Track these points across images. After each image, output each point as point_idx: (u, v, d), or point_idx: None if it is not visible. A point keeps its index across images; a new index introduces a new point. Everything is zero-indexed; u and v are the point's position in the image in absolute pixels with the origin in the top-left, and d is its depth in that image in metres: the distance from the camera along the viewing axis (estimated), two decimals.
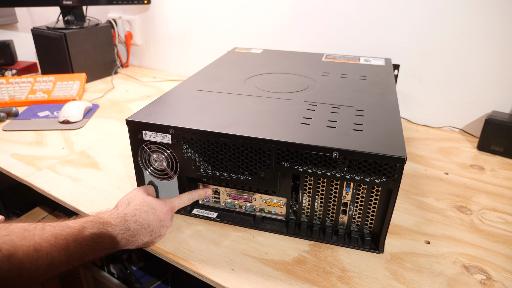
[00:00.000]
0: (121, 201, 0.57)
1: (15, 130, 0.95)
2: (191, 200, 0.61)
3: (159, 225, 0.56)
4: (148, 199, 0.57)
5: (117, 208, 0.55)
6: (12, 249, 0.39)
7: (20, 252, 0.40)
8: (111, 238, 0.50)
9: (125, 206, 0.55)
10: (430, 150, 0.88)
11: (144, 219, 0.54)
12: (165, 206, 0.57)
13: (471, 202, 0.69)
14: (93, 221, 0.49)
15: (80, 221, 0.49)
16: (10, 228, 0.42)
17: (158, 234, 0.56)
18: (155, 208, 0.56)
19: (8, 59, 1.34)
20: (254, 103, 0.65)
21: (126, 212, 0.53)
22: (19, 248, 0.40)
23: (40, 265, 0.42)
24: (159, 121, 0.57)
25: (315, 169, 0.53)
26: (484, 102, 0.93)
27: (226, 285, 0.50)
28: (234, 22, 1.23)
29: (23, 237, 0.41)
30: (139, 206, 0.55)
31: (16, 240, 0.41)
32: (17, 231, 0.42)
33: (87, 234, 0.47)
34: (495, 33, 0.87)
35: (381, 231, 0.55)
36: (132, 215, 0.53)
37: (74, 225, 0.48)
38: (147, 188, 0.61)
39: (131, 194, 0.58)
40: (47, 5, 1.28)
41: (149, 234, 0.54)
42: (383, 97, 0.69)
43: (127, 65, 1.53)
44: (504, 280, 0.52)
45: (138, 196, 0.57)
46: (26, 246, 0.41)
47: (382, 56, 1.01)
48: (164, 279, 1.05)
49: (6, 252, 0.39)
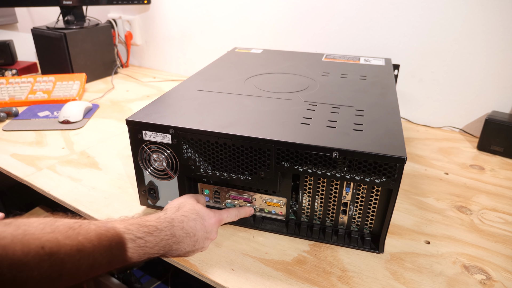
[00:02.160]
0: (171, 204, 0.56)
1: (15, 130, 0.95)
2: (238, 216, 0.60)
3: (204, 236, 0.54)
4: (198, 207, 0.55)
5: (165, 211, 0.53)
6: (55, 248, 0.39)
7: (63, 251, 0.40)
8: (155, 243, 0.49)
9: (174, 211, 0.53)
10: (430, 150, 0.88)
11: (192, 227, 0.52)
12: (213, 217, 0.56)
13: (471, 202, 0.69)
14: (139, 224, 0.48)
15: (126, 222, 0.48)
16: (55, 225, 0.41)
17: (201, 246, 0.55)
18: (203, 217, 0.54)
19: (8, 59, 1.34)
20: (254, 103, 0.65)
21: (174, 217, 0.52)
22: (62, 247, 0.40)
23: (81, 265, 0.41)
24: (159, 121, 0.57)
25: (315, 169, 0.53)
26: (484, 102, 0.93)
27: (226, 285, 0.50)
28: (234, 22, 1.23)
29: (67, 236, 0.41)
30: (188, 213, 0.53)
31: (60, 238, 0.40)
32: (62, 229, 0.41)
33: (131, 238, 0.47)
34: (495, 33, 0.87)
35: (381, 231, 0.55)
36: (180, 222, 0.52)
37: (119, 226, 0.47)
38: (199, 196, 0.60)
39: (182, 199, 0.57)
40: (47, 5, 1.28)
41: (193, 244, 0.53)
42: (383, 97, 0.69)
43: (127, 65, 1.53)
44: (504, 280, 0.52)
45: (189, 203, 0.56)
46: (69, 245, 0.40)
47: (382, 56, 1.01)
48: (164, 279, 1.05)
49: (49, 250, 0.38)
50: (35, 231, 0.39)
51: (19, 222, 0.39)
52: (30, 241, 0.38)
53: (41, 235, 0.39)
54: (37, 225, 0.40)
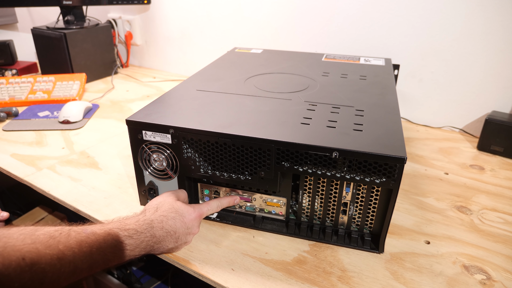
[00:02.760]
0: (149, 205, 0.56)
1: (15, 130, 0.95)
2: (220, 207, 0.61)
3: (186, 232, 0.55)
4: (177, 205, 0.56)
5: (144, 213, 0.54)
6: (36, 258, 0.40)
7: (43, 261, 0.40)
8: (136, 245, 0.50)
9: (152, 212, 0.54)
10: (430, 150, 0.88)
11: (171, 226, 0.53)
12: (193, 213, 0.56)
13: (471, 202, 0.69)
14: (118, 228, 0.49)
15: (105, 227, 0.48)
16: (35, 235, 0.42)
17: (184, 241, 0.55)
18: (183, 215, 0.55)
19: (8, 59, 1.34)
20: (254, 103, 0.65)
21: (153, 219, 0.52)
22: (42, 256, 0.40)
23: (62, 273, 0.42)
24: (159, 121, 0.57)
25: (315, 169, 0.53)
26: (484, 102, 0.93)
27: (226, 285, 0.50)
28: (234, 22, 1.23)
29: (47, 245, 0.41)
30: (166, 212, 0.54)
31: (41, 248, 0.41)
32: (42, 239, 0.42)
33: (111, 242, 0.47)
34: (495, 33, 0.87)
35: (381, 231, 0.55)
36: (159, 222, 0.52)
37: (99, 231, 0.47)
38: (179, 193, 0.60)
39: (160, 198, 0.57)
40: (47, 5, 1.28)
41: (175, 241, 0.54)
42: (383, 97, 0.69)
43: (127, 65, 1.53)
44: (504, 280, 0.52)
45: (167, 202, 0.56)
46: (49, 254, 0.41)
47: (382, 56, 1.01)
48: (164, 279, 1.05)
49: (29, 262, 0.39)
50: (15, 243, 0.40)
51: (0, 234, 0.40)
52: (10, 253, 0.38)
53: (21, 247, 0.39)
54: (17, 236, 0.40)
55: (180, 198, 0.59)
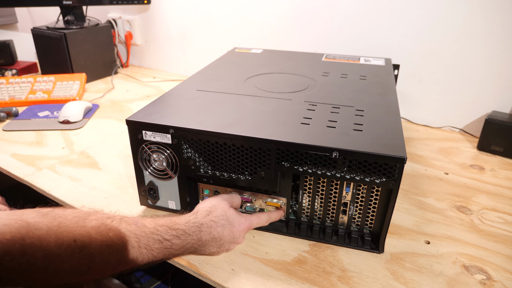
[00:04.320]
0: (202, 206, 0.55)
1: (15, 130, 0.95)
2: (269, 221, 0.59)
3: (231, 241, 0.54)
4: (230, 213, 0.55)
5: (196, 214, 0.53)
6: (86, 241, 0.40)
7: (93, 246, 0.41)
8: (182, 246, 0.50)
9: (205, 215, 0.53)
10: (430, 150, 0.88)
11: (219, 232, 0.53)
12: (243, 224, 0.55)
13: (471, 202, 0.69)
14: (168, 226, 0.49)
15: (156, 223, 0.49)
16: (89, 219, 0.43)
17: (226, 248, 0.55)
18: (232, 224, 0.54)
19: (8, 59, 1.34)
20: (254, 103, 0.65)
21: (202, 222, 0.52)
22: (93, 241, 0.41)
23: (109, 261, 0.43)
24: (159, 121, 0.57)
25: (315, 169, 0.53)
26: (484, 102, 0.93)
27: (226, 285, 0.50)
28: (234, 22, 1.23)
29: (98, 231, 0.42)
30: (218, 218, 0.53)
31: (92, 233, 0.41)
32: (94, 224, 0.42)
33: (159, 239, 0.48)
34: (495, 33, 0.87)
35: (381, 231, 0.55)
36: (208, 227, 0.52)
37: (149, 225, 0.48)
38: (233, 198, 0.59)
39: (214, 201, 0.56)
40: (47, 5, 1.28)
41: (218, 247, 0.54)
42: (383, 97, 0.69)
43: (127, 65, 1.53)
44: (504, 280, 0.52)
45: (221, 207, 0.55)
46: (99, 241, 0.41)
47: (382, 56, 1.01)
48: (164, 279, 1.05)
49: (80, 244, 0.40)
50: (69, 224, 0.40)
51: (55, 214, 0.41)
52: (64, 233, 0.39)
53: (74, 229, 0.40)
54: (71, 217, 0.41)
55: (234, 205, 0.58)
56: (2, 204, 0.64)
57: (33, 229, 0.37)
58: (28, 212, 0.39)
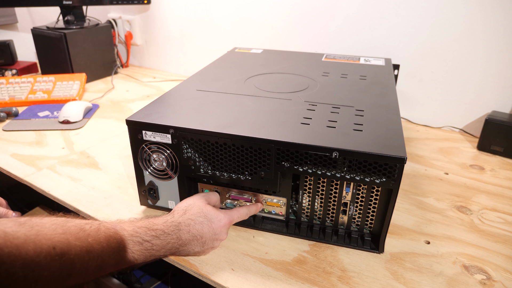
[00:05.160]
0: (178, 207, 0.55)
1: (15, 130, 0.95)
2: (248, 214, 0.59)
3: (213, 238, 0.54)
4: (206, 210, 0.55)
5: (173, 214, 0.53)
6: (66, 248, 0.40)
7: (73, 252, 0.41)
8: (162, 246, 0.50)
9: (181, 214, 0.53)
10: (430, 150, 0.88)
11: (198, 230, 0.52)
12: (223, 219, 0.55)
13: (471, 202, 0.69)
14: (146, 228, 0.50)
15: (134, 225, 0.49)
16: (67, 226, 0.42)
17: (210, 246, 0.55)
18: (211, 220, 0.54)
19: (8, 59, 1.34)
20: (254, 103, 0.65)
21: (180, 221, 0.52)
22: (72, 247, 0.41)
23: (90, 266, 0.42)
24: (159, 121, 0.57)
25: (315, 169, 0.53)
26: (484, 102, 0.93)
27: (226, 285, 0.50)
28: (234, 22, 1.23)
29: (77, 237, 0.42)
30: (195, 216, 0.53)
31: (71, 239, 0.41)
32: (73, 230, 0.42)
33: (138, 241, 0.48)
34: (495, 33, 0.87)
35: (381, 231, 0.55)
36: (186, 225, 0.52)
37: (128, 228, 0.48)
38: (210, 196, 0.59)
39: (190, 200, 0.57)
40: (47, 5, 1.28)
41: (201, 245, 0.53)
42: (383, 97, 0.69)
43: (127, 65, 1.53)
44: (504, 280, 0.52)
45: (197, 205, 0.55)
46: (79, 246, 0.41)
47: (382, 56, 1.01)
48: (164, 279, 1.05)
49: (60, 251, 0.39)
50: (47, 232, 0.40)
51: (33, 222, 0.40)
52: (42, 241, 0.39)
53: (53, 236, 0.40)
54: (49, 225, 0.41)
55: (211, 202, 0.58)
56: (4, 208, 0.64)
57: (11, 239, 0.37)
58: (5, 222, 0.39)
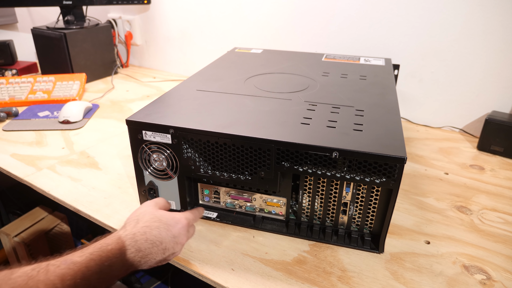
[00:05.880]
0: (129, 219, 0.52)
1: (15, 130, 0.95)
2: (200, 215, 0.60)
3: (173, 241, 0.51)
4: (160, 214, 0.52)
5: (125, 228, 0.50)
6: None
7: None
8: (122, 264, 0.46)
9: (133, 225, 0.50)
10: (430, 150, 0.88)
11: (156, 236, 0.49)
12: (179, 221, 0.52)
13: (471, 202, 0.69)
14: (100, 250, 0.45)
15: (86, 252, 0.45)
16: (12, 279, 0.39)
17: (171, 252, 0.51)
18: (167, 223, 0.51)
19: (8, 59, 1.34)
20: (254, 103, 0.65)
21: (135, 232, 0.48)
22: None
23: None
24: (159, 121, 0.57)
25: (315, 169, 0.53)
26: (484, 102, 0.93)
27: (226, 285, 0.50)
28: (234, 22, 1.23)
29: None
30: (149, 222, 0.50)
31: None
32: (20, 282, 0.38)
33: (95, 268, 0.43)
34: (495, 33, 0.87)
35: (381, 231, 0.55)
36: (142, 234, 0.48)
37: (80, 259, 0.43)
38: (158, 201, 0.57)
39: (140, 210, 0.54)
40: (47, 5, 1.28)
41: (162, 252, 0.50)
42: (383, 97, 0.69)
43: (127, 65, 1.53)
44: (504, 280, 0.52)
45: (148, 212, 0.52)
46: None
47: (382, 56, 1.01)
48: (164, 279, 1.05)
49: None
50: None
51: None
52: None
53: None
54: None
55: (161, 207, 0.56)
56: None
57: None
58: None
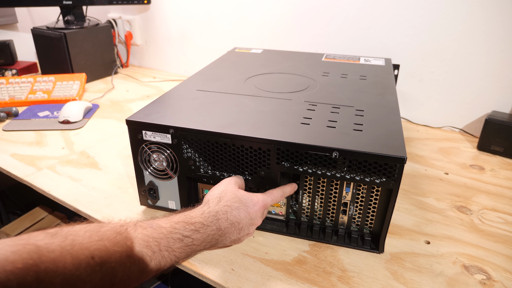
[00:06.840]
0: (211, 195, 0.52)
1: (15, 130, 0.95)
2: (283, 196, 0.56)
3: (249, 223, 0.52)
4: (240, 194, 0.52)
5: (208, 204, 0.50)
6: (105, 256, 0.37)
7: (113, 260, 0.37)
8: (203, 240, 0.47)
9: (216, 202, 0.50)
10: (430, 150, 0.88)
11: (235, 216, 0.50)
12: (258, 203, 0.52)
13: (471, 202, 0.69)
14: (185, 222, 0.46)
15: (171, 220, 0.46)
16: (102, 231, 0.39)
17: (246, 233, 0.52)
18: (246, 204, 0.51)
19: (8, 59, 1.34)
20: (254, 103, 0.65)
21: (217, 210, 0.49)
22: (112, 254, 0.38)
23: (132, 272, 0.39)
24: (159, 121, 0.57)
25: (315, 169, 0.53)
26: (484, 102, 0.93)
27: (226, 285, 0.50)
28: (234, 22, 1.23)
29: (115, 242, 0.39)
30: (230, 202, 0.50)
31: (109, 245, 0.38)
32: (109, 235, 0.39)
33: (179, 237, 0.45)
34: (495, 33, 0.87)
35: (381, 231, 0.55)
36: (224, 213, 0.49)
37: (165, 225, 0.45)
38: (237, 180, 0.56)
39: (221, 187, 0.53)
40: (47, 5, 1.28)
41: (238, 232, 0.51)
42: (383, 97, 0.69)
43: (127, 65, 1.53)
44: (504, 280, 0.52)
45: (230, 190, 0.52)
46: (118, 252, 0.38)
47: (382, 56, 1.01)
48: (164, 279, 1.05)
49: (99, 260, 0.36)
50: (82, 241, 0.37)
51: (65, 232, 0.37)
52: (79, 252, 0.35)
53: (89, 244, 0.37)
54: (83, 233, 0.38)
55: (240, 186, 0.55)
56: None
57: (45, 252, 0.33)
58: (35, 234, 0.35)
